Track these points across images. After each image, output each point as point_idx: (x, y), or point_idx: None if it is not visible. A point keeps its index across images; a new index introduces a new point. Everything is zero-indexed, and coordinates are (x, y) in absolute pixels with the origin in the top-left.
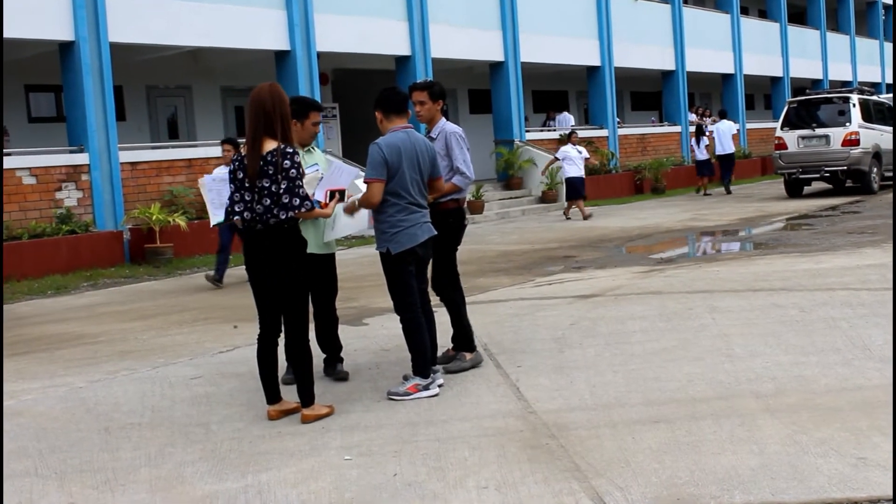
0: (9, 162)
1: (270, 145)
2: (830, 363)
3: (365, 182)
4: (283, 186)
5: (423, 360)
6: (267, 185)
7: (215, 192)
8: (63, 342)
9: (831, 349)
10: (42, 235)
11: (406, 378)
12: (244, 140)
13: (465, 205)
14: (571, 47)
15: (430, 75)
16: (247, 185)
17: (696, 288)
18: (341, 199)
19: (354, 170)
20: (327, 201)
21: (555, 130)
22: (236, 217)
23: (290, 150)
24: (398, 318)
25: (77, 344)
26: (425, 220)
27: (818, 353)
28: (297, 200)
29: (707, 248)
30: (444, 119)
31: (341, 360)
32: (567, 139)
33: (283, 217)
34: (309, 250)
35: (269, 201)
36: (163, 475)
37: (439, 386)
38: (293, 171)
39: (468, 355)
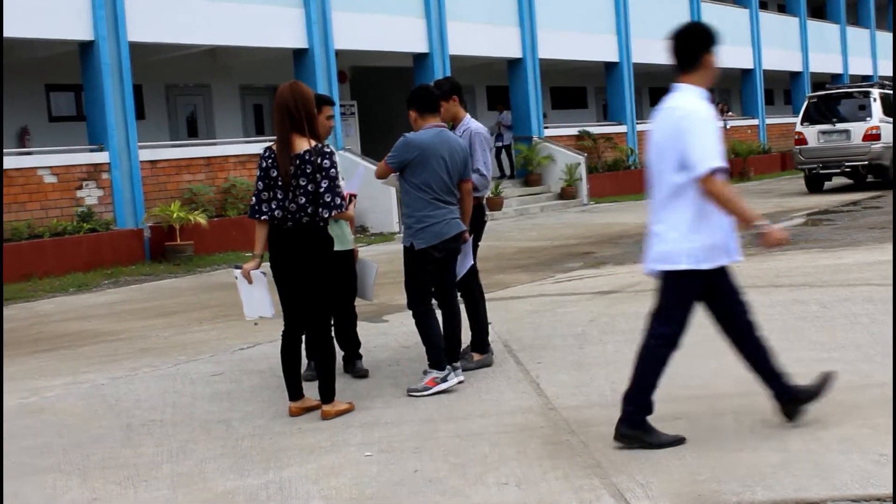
0: (30, 161)
1: (303, 144)
2: (852, 359)
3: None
4: (323, 186)
5: (438, 351)
6: (304, 183)
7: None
8: (85, 339)
9: (852, 345)
10: (63, 234)
11: (425, 373)
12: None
13: (485, 202)
14: (590, 43)
15: (447, 72)
16: (279, 183)
17: None
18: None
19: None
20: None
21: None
22: (264, 217)
23: (329, 150)
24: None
25: (99, 341)
26: (453, 217)
27: (839, 349)
28: (339, 199)
29: None
30: (468, 117)
31: (360, 356)
32: None
33: (327, 216)
34: None
35: (304, 200)
36: (184, 471)
37: (459, 382)
38: (333, 170)
39: (476, 356)
